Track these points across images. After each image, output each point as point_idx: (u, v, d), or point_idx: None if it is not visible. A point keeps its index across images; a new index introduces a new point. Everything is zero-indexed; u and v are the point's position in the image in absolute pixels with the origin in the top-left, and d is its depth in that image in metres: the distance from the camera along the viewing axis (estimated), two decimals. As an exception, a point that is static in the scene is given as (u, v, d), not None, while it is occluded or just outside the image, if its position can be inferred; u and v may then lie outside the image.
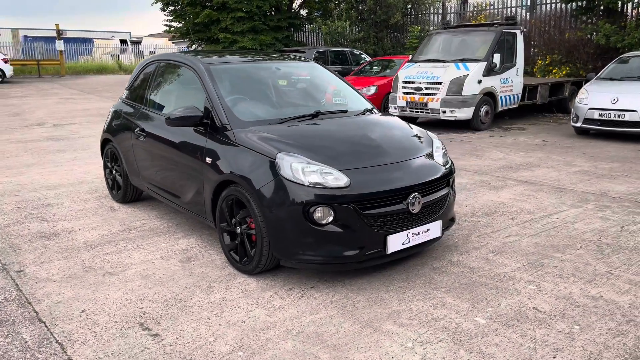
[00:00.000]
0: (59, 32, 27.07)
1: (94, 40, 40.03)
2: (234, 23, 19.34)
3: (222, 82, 4.26)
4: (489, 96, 10.81)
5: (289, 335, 2.95)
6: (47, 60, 29.66)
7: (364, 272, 3.76)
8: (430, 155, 4.01)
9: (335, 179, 3.42)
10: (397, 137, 4.13)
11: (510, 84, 11.25)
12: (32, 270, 3.86)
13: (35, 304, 3.34)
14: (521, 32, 11.50)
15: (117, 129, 5.33)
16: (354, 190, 3.41)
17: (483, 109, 10.70)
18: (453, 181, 4.15)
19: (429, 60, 11.29)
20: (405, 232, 3.57)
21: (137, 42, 40.69)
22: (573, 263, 3.92)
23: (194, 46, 21.21)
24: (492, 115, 10.98)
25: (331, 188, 3.38)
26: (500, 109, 11.14)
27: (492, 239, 4.44)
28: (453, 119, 10.47)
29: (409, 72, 11.21)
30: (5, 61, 21.98)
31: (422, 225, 3.68)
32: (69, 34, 42.62)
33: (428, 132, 4.43)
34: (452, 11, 18.58)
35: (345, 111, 4.52)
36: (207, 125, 4.03)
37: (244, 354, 2.77)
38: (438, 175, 3.85)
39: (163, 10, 21.36)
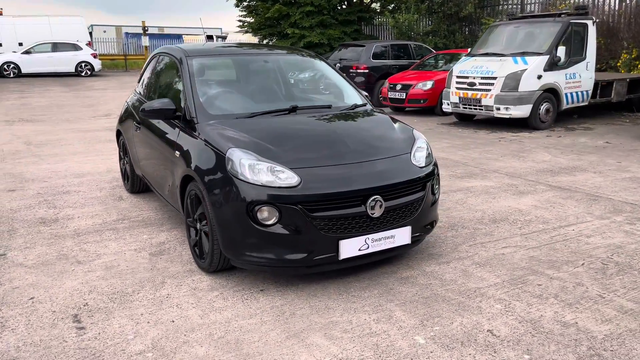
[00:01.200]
0: (145, 29, 28.64)
1: (183, 36, 41.93)
2: (303, 18, 19.38)
3: (202, 75, 4.20)
4: (551, 93, 9.98)
5: (208, 340, 2.83)
6: (133, 55, 31.49)
7: (323, 276, 3.55)
8: (407, 156, 3.70)
9: (285, 177, 3.24)
10: (371, 136, 3.85)
11: (578, 80, 10.32)
12: (13, 255, 4.03)
13: (-6, 288, 3.47)
14: (593, 22, 10.49)
15: (125, 120, 5.46)
16: (303, 190, 3.21)
17: (543, 107, 9.90)
18: (436, 184, 3.81)
19: (486, 54, 10.63)
20: (363, 238, 3.32)
21: (222, 37, 42.09)
22: (562, 282, 3.46)
23: (265, 42, 21.54)
24: (554, 114, 10.12)
25: (279, 187, 3.20)
26: (565, 107, 10.25)
27: (485, 250, 4.04)
28: (508, 116, 9.78)
29: (463, 66, 10.62)
30: (95, 56, 23.57)
31: (385, 230, 3.40)
32: (167, 31, 45.17)
33: (414, 130, 4.10)
34: (534, 0, 17.37)
35: (329, 106, 4.30)
36: (180, 118, 3.99)
37: (152, 355, 2.69)
38: (409, 178, 3.55)
39: (237, 6, 21.87)
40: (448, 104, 10.78)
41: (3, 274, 3.68)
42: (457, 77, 10.54)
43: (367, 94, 4.89)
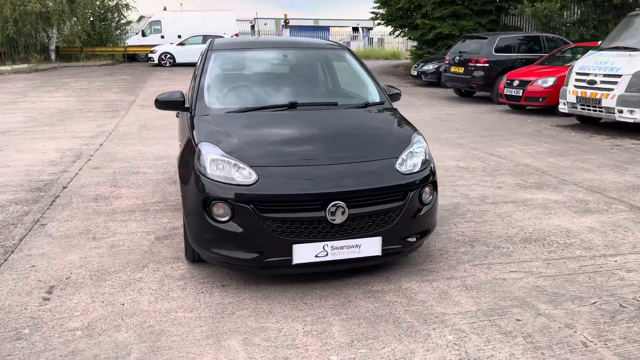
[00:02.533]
0: (286, 22, 29.94)
1: (330, 28, 42.99)
2: (435, 8, 18.69)
3: (218, 69, 4.30)
4: (692, 95, 8.40)
5: (137, 327, 2.92)
6: None
7: (292, 278, 3.44)
8: (391, 161, 3.42)
9: (243, 175, 3.19)
10: (360, 137, 3.63)
11: None
12: (50, 226, 4.53)
13: (13, 253, 3.94)
14: None
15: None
16: (256, 189, 3.14)
17: (679, 112, 8.38)
18: (429, 193, 3.47)
19: (615, 48, 9.27)
20: (321, 244, 3.15)
21: (369, 29, 42.35)
22: (549, 321, 2.94)
23: (396, 33, 21.19)
24: (694, 121, 8.53)
25: (235, 185, 3.17)
26: None
27: (486, 272, 3.58)
28: (632, 121, 8.47)
29: (586, 61, 9.42)
30: (238, 47, 25.36)
31: (349, 239, 3.19)
32: (322, 23, 46.74)
33: (416, 133, 3.77)
34: None
35: (335, 103, 4.13)
36: (188, 110, 4.13)
37: (80, 334, 2.85)
38: (382, 185, 3.28)
39: (372, -4, 21.80)
40: (564, 104, 9.66)
41: (30, 242, 4.17)
42: (577, 73, 9.39)
43: (398, 90, 4.60)
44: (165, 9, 27.36)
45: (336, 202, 3.13)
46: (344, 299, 3.23)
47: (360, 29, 42.06)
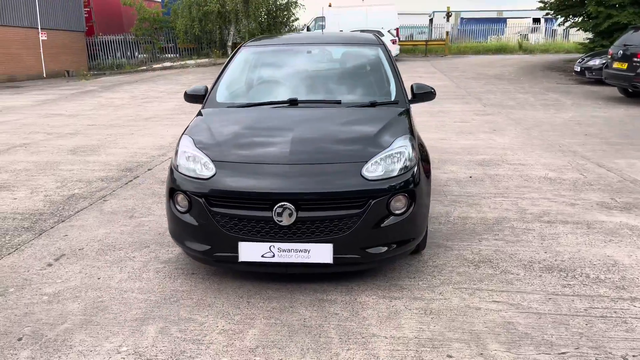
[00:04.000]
0: (448, 14, 28.79)
1: (507, 20, 40.19)
2: (614, -6, 16.39)
3: (239, 64, 4.43)
4: None
5: (89, 301, 3.17)
6: (434, 40, 31.83)
7: (259, 276, 3.42)
8: (358, 165, 3.19)
9: (203, 169, 3.27)
10: (340, 138, 3.45)
11: None
12: (108, 203, 5.11)
13: (62, 222, 4.55)
14: None
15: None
16: (211, 184, 3.20)
17: None
18: (402, 201, 3.18)
19: None
20: (268, 244, 3.09)
21: (552, 20, 38.65)
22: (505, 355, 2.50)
23: (558, 21, 19.03)
24: None
25: (195, 178, 3.26)
26: None
27: (462, 298, 3.15)
28: None
29: None
30: (394, 42, 25.04)
31: (297, 243, 3.07)
32: (505, 14, 44.04)
33: (404, 137, 3.43)
34: None
35: (338, 101, 3.95)
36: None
37: (46, 299, 3.22)
38: (336, 190, 3.08)
39: (542, -15, 19.86)
40: None
41: (82, 215, 4.77)
42: None
43: (431, 89, 4.23)
44: (330, 5, 28.30)
45: (283, 203, 3.04)
46: (288, 303, 3.13)
47: (542, 20, 38.60)
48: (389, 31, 24.58)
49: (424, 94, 4.24)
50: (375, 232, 3.15)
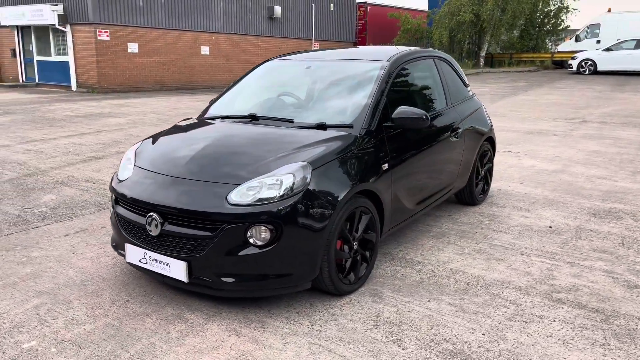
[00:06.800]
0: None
1: None
2: None
3: (251, 77, 4.56)
4: None
5: (58, 277, 3.76)
6: None
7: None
8: (226, 187, 3.08)
9: (126, 174, 3.58)
10: (239, 157, 3.34)
11: None
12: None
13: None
14: None
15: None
16: (118, 186, 3.50)
17: None
18: (265, 232, 2.97)
19: None
20: (143, 251, 3.26)
21: None
22: None
23: None
24: None
25: (119, 180, 3.60)
26: None
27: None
28: None
29: None
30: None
31: (163, 255, 3.16)
32: None
33: (302, 164, 3.12)
34: None
35: (291, 120, 3.74)
36: None
37: (25, 260, 4.00)
38: (190, 208, 3.04)
39: None
40: None
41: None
42: None
43: (421, 115, 3.65)
44: (609, 11, 24.52)
45: (152, 213, 3.16)
46: (172, 310, 3.20)
47: None
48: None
49: (407, 120, 3.68)
50: (230, 259, 3.00)
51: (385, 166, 3.62)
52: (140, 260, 3.28)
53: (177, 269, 3.10)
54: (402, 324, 3.06)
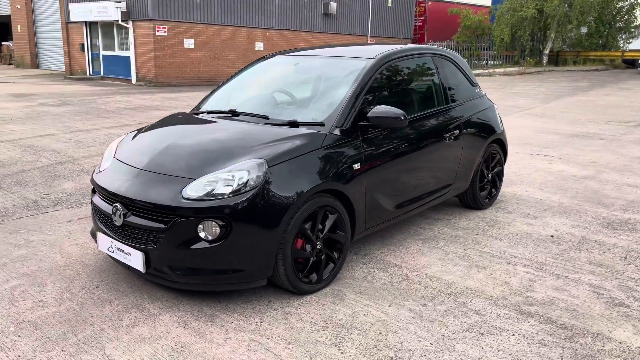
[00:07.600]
0: None
1: None
2: None
3: (246, 72, 4.58)
4: None
5: (43, 261, 4.03)
6: None
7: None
8: (188, 180, 3.13)
9: (107, 164, 3.72)
10: (206, 153, 3.36)
11: None
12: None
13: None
14: None
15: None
16: (97, 176, 3.63)
17: None
18: (215, 227, 3.00)
19: None
20: (110, 239, 3.38)
21: None
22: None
23: None
24: None
25: (99, 171, 3.73)
26: None
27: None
28: None
29: None
30: None
31: (124, 244, 3.26)
32: None
33: (259, 161, 3.12)
34: None
35: (266, 117, 3.72)
36: None
37: (23, 244, 4.26)
38: (147, 200, 3.10)
39: None
40: None
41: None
42: None
43: (398, 115, 3.55)
44: None
45: (116, 203, 3.27)
46: (134, 301, 3.30)
47: None
48: None
49: (384, 119, 3.59)
50: (183, 253, 3.05)
51: (357, 166, 3.54)
52: (108, 249, 3.39)
53: (136, 259, 3.18)
54: (352, 327, 3.00)
